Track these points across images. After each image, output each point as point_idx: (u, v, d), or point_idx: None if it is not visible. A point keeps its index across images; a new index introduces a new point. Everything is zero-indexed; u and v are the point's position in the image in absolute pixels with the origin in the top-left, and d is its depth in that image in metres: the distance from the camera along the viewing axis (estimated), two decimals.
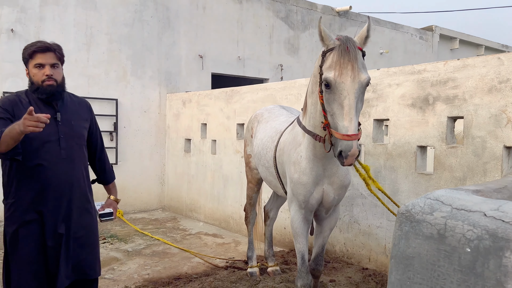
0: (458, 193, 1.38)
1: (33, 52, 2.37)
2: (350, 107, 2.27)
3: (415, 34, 12.14)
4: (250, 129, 4.14)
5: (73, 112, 2.56)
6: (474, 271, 1.20)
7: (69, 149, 2.48)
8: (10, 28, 6.30)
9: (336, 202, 3.02)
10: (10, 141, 2.12)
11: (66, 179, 2.46)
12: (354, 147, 2.25)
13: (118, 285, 4.09)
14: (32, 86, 2.41)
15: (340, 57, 2.31)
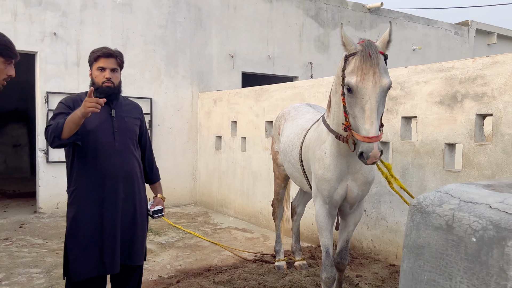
0: (467, 187, 1.45)
1: (98, 57, 2.66)
2: (371, 111, 2.35)
3: (450, 29, 11.85)
4: (277, 127, 4.25)
5: (126, 111, 2.83)
6: (479, 260, 1.28)
7: (123, 142, 2.72)
8: (53, 31, 6.69)
9: (360, 198, 3.08)
10: (72, 126, 2.38)
11: (120, 168, 2.68)
12: (375, 148, 2.32)
13: (152, 275, 4.32)
14: (93, 85, 2.67)
15: (362, 63, 2.38)
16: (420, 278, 1.46)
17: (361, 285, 3.85)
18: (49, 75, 6.67)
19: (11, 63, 2.10)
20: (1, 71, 2.06)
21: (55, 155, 6.69)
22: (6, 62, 2.08)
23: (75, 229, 2.63)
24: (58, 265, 4.55)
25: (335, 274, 3.11)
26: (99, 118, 2.67)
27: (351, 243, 4.95)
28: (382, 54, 2.48)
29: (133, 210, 2.77)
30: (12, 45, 2.10)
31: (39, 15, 6.58)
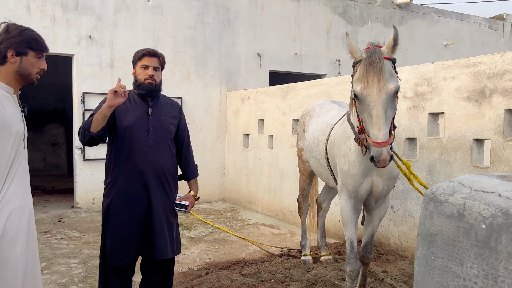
0: (479, 177, 1.50)
1: (143, 55, 2.82)
2: (378, 117, 2.43)
3: (484, 24, 11.52)
4: (302, 124, 4.33)
5: (164, 110, 2.94)
6: (489, 245, 1.33)
7: (157, 140, 2.84)
8: (88, 35, 7.01)
9: (385, 192, 3.11)
10: (100, 117, 2.57)
11: (153, 164, 2.81)
12: (384, 153, 2.41)
13: (182, 267, 4.49)
14: (136, 82, 2.85)
15: (365, 71, 2.45)
16: (433, 264, 1.51)
17: (387, 280, 3.87)
18: (85, 76, 6.99)
19: (42, 57, 2.24)
20: (33, 64, 2.19)
21: (91, 153, 7.01)
22: (37, 56, 2.20)
23: (107, 219, 2.82)
24: (95, 257, 4.80)
25: (359, 267, 3.15)
26: (136, 116, 2.82)
27: (378, 240, 4.96)
28: (388, 59, 2.52)
29: (162, 204, 2.86)
30: (41, 39, 2.24)
31: (75, 19, 6.92)
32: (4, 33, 2.14)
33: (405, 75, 4.61)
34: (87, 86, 7.03)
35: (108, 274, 2.84)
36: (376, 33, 10.00)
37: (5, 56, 2.12)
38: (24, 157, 2.22)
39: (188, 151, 3.14)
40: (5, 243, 2.05)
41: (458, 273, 1.42)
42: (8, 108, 2.11)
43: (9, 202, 2.09)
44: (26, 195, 2.21)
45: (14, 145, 2.13)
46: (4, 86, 2.15)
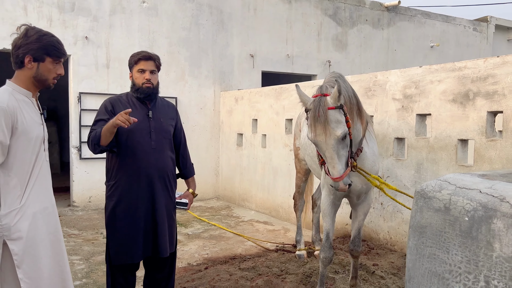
0: (463, 175, 1.71)
1: (139, 59, 2.87)
2: (331, 158, 2.74)
3: (468, 26, 11.87)
4: (298, 124, 4.54)
5: (162, 112, 3.02)
6: (471, 235, 1.55)
7: (159, 141, 2.92)
8: (85, 35, 7.11)
9: (364, 190, 3.37)
10: (107, 134, 2.65)
11: (155, 166, 2.89)
12: (341, 186, 2.74)
13: (182, 262, 4.66)
14: (134, 87, 2.90)
15: (312, 121, 2.73)
16: (423, 253, 1.73)
17: (377, 273, 4.10)
18: (81, 76, 7.09)
19: (60, 62, 2.22)
20: (50, 70, 2.19)
21: (87, 152, 7.12)
22: (55, 62, 2.19)
23: (112, 221, 2.88)
24: (95, 253, 4.94)
25: (332, 255, 3.39)
26: (137, 119, 2.89)
27: (368, 235, 5.20)
28: (333, 108, 2.75)
29: (166, 204, 2.96)
30: (60, 45, 2.21)
31: (72, 21, 7.01)
32: (23, 37, 2.15)
33: (394, 77, 4.84)
34: (84, 86, 7.13)
35: (114, 271, 2.97)
36: (365, 35, 10.25)
37: (22, 61, 2.14)
38: (45, 160, 2.26)
39: (185, 151, 3.24)
40: (30, 246, 2.11)
41: (445, 259, 1.64)
42: (27, 114, 2.14)
43: (30, 206, 2.14)
44: (47, 198, 2.26)
45: (35, 150, 2.17)
46: (23, 91, 2.18)
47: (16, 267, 2.08)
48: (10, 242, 2.07)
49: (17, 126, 2.08)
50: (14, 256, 2.07)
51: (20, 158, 2.11)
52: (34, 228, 2.14)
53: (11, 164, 2.09)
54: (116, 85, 7.31)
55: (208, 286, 3.82)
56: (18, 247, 2.08)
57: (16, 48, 2.15)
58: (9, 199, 2.08)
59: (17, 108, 2.09)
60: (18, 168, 2.11)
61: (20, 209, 2.11)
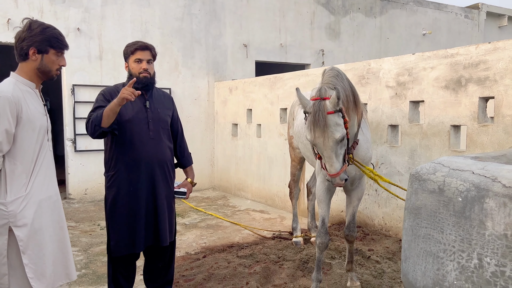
0: (456, 158, 1.76)
1: (135, 49, 2.87)
2: (329, 157, 2.82)
3: (460, 13, 11.92)
4: (292, 113, 4.58)
5: (159, 102, 3.04)
6: (464, 215, 1.60)
7: (156, 131, 2.95)
8: (77, 27, 7.05)
9: (358, 177, 3.43)
10: (110, 113, 2.63)
11: (154, 155, 2.92)
12: (337, 181, 2.84)
13: (180, 252, 4.71)
14: (131, 77, 2.88)
15: (311, 124, 2.80)
16: (418, 233, 1.78)
17: (373, 258, 4.18)
18: (74, 68, 7.05)
19: (62, 54, 2.31)
20: (54, 62, 2.26)
21: (82, 144, 7.11)
22: (58, 53, 2.27)
23: (113, 211, 2.90)
24: (93, 244, 4.98)
25: (328, 240, 3.43)
26: (135, 109, 2.89)
27: (363, 221, 5.28)
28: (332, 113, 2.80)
29: (165, 193, 2.99)
30: (62, 37, 2.30)
31: (63, 12, 6.95)
32: (26, 30, 2.20)
33: (387, 65, 4.88)
34: (77, 78, 7.09)
35: (114, 261, 3.00)
36: (358, 23, 10.26)
37: (26, 54, 2.20)
38: (48, 149, 2.33)
39: (182, 140, 3.27)
40: (35, 232, 2.19)
41: (439, 239, 1.69)
42: (31, 104, 2.20)
43: (35, 194, 2.21)
44: (51, 187, 2.33)
45: (39, 139, 2.23)
46: (27, 82, 2.24)
47: (22, 252, 2.15)
48: (15, 229, 2.14)
49: (22, 115, 2.14)
50: (19, 242, 2.14)
51: (25, 147, 2.18)
52: (39, 215, 2.21)
53: (17, 152, 2.16)
54: (110, 76, 7.27)
55: (207, 273, 3.88)
56: (24, 233, 2.15)
57: (20, 41, 2.21)
58: (15, 186, 2.16)
59: (21, 98, 2.15)
60: (23, 157, 2.18)
61: (26, 197, 2.18)
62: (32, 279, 2.17)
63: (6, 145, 2.12)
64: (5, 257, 2.14)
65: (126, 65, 2.95)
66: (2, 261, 2.14)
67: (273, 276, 3.84)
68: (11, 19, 6.50)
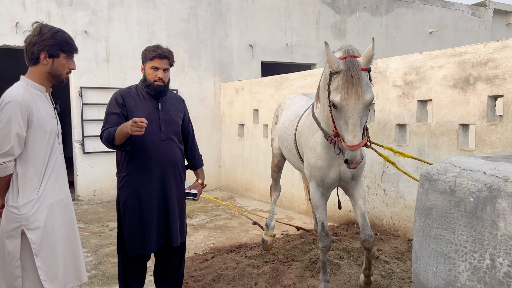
0: (467, 158, 1.75)
1: (154, 57, 2.86)
2: (354, 125, 2.57)
3: (467, 10, 11.83)
4: (275, 117, 4.47)
5: (171, 104, 3.06)
6: (476, 215, 1.59)
7: (168, 133, 2.97)
8: (84, 30, 7.10)
9: (355, 178, 3.28)
10: (121, 138, 2.72)
11: (166, 156, 2.95)
12: (358, 156, 2.57)
13: (188, 252, 4.72)
14: (145, 82, 2.92)
15: (344, 83, 2.54)
16: (429, 234, 1.77)
17: (382, 258, 4.17)
18: (82, 71, 7.10)
19: (72, 57, 2.33)
20: (64, 66, 2.29)
21: (90, 146, 7.16)
22: (68, 57, 2.30)
23: (125, 211, 2.93)
24: (102, 245, 5.01)
25: (330, 243, 3.32)
26: (147, 111, 2.91)
27: (372, 221, 5.26)
28: (364, 70, 2.63)
29: (176, 194, 3.02)
30: (72, 41, 2.32)
31: (70, 15, 7.00)
32: (37, 34, 2.22)
33: (394, 64, 4.86)
34: (84, 80, 7.14)
35: (125, 262, 3.03)
36: (364, 22, 10.23)
37: (37, 58, 2.23)
38: (59, 152, 2.36)
39: (194, 142, 3.29)
40: (47, 235, 2.22)
41: (451, 239, 1.68)
42: (41, 107, 2.23)
43: (47, 197, 2.24)
44: (63, 189, 2.36)
45: (50, 142, 2.26)
46: (37, 86, 2.27)
47: (34, 255, 2.18)
48: (28, 232, 2.16)
49: (32, 119, 2.16)
50: (32, 245, 2.17)
51: (36, 150, 2.20)
52: (51, 218, 2.24)
53: (28, 156, 2.19)
54: (117, 78, 7.32)
55: (216, 274, 3.89)
56: (36, 236, 2.18)
57: (31, 45, 2.22)
58: (27, 190, 2.18)
59: (32, 102, 2.18)
60: (34, 160, 2.21)
61: (38, 200, 2.21)
62: (45, 282, 2.20)
63: (18, 149, 2.15)
64: (18, 259, 2.16)
65: (142, 67, 2.97)
66: (15, 263, 2.16)
67: (282, 276, 3.84)
68: (19, 23, 6.56)
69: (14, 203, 2.18)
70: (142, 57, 2.96)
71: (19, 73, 2.30)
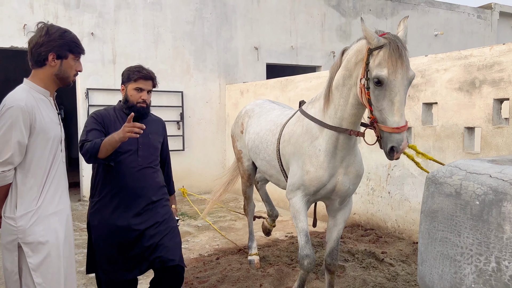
0: (473, 161, 1.76)
1: (138, 78, 2.70)
2: (400, 103, 2.35)
3: (473, 13, 11.81)
4: (240, 125, 4.19)
5: (151, 127, 2.82)
6: (482, 218, 1.60)
7: (145, 158, 2.76)
8: (91, 32, 7.16)
9: (351, 192, 3.04)
10: (109, 148, 2.44)
11: (142, 182, 2.71)
12: (405, 139, 2.35)
13: (193, 254, 4.74)
14: (127, 103, 2.74)
15: (391, 56, 2.35)
16: (435, 237, 1.78)
17: (386, 260, 4.16)
18: (88, 72, 7.15)
19: (79, 59, 2.21)
20: (72, 67, 2.17)
21: None
22: (76, 58, 2.18)
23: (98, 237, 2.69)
24: None
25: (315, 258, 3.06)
26: None
27: (376, 223, 5.26)
28: None
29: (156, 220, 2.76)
30: (79, 41, 2.20)
31: (77, 17, 7.06)
32: (44, 34, 2.10)
33: None
34: (91, 82, 7.19)
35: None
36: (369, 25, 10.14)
37: (45, 59, 2.10)
38: (61, 161, 2.22)
39: (169, 168, 3.13)
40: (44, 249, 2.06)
41: (456, 242, 1.69)
42: (45, 113, 2.09)
43: (46, 209, 2.10)
44: (63, 200, 2.22)
45: (52, 150, 2.13)
46: (41, 90, 2.13)
47: (32, 270, 2.04)
48: (24, 245, 2.03)
49: (35, 125, 2.04)
50: (28, 258, 2.03)
51: (38, 159, 2.08)
52: (49, 231, 2.10)
53: (29, 164, 2.06)
54: None
55: (221, 275, 3.90)
56: (33, 250, 2.04)
57: (38, 46, 2.10)
58: (25, 200, 2.05)
59: (35, 107, 2.05)
60: (35, 169, 2.08)
61: (36, 211, 2.07)
62: None
63: (18, 157, 2.02)
64: (16, 274, 2.04)
65: (122, 88, 2.77)
66: (13, 278, 2.05)
67: (286, 278, 3.85)
68: (27, 25, 6.63)
69: (11, 214, 2.03)
70: (124, 78, 2.76)
71: (27, 75, 2.22)
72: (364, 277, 3.76)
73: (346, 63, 2.72)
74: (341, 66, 2.76)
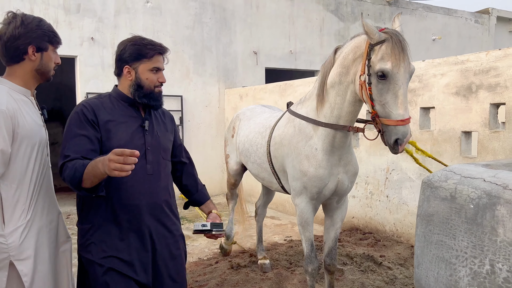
0: (468, 165, 1.80)
1: (154, 54, 2.03)
2: (404, 96, 2.38)
3: (470, 18, 11.89)
4: (231, 129, 4.19)
5: (159, 122, 2.17)
6: (476, 222, 1.63)
7: (156, 164, 2.07)
8: (91, 36, 7.20)
9: (349, 190, 3.07)
10: (94, 179, 1.75)
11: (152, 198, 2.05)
12: (409, 132, 2.39)
13: (192, 257, 4.76)
14: (140, 90, 2.02)
15: (394, 49, 2.37)
16: (431, 240, 1.82)
17: (385, 264, 4.19)
18: (88, 77, 7.19)
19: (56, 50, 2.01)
20: (51, 59, 1.96)
21: None
22: (54, 49, 1.99)
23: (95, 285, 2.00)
24: None
25: (319, 265, 3.12)
26: (130, 132, 2.02)
27: (375, 227, 5.29)
28: None
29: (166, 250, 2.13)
30: (56, 32, 2.01)
31: (77, 22, 7.11)
32: (20, 25, 1.84)
33: None
34: (91, 86, 7.23)
35: None
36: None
37: (24, 53, 1.86)
38: (48, 166, 2.01)
39: (193, 168, 2.44)
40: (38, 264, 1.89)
41: (451, 245, 1.72)
42: (27, 115, 1.86)
43: (36, 221, 1.90)
44: (52, 209, 2.03)
45: (38, 156, 1.91)
46: (20, 89, 1.89)
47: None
48: (18, 263, 1.81)
49: (19, 130, 1.80)
50: (23, 277, 1.82)
51: (24, 167, 1.84)
52: (41, 244, 1.91)
53: (14, 174, 1.82)
54: None
55: (220, 279, 3.92)
56: (27, 267, 1.84)
57: (14, 39, 1.84)
58: (14, 215, 1.83)
59: (17, 110, 1.81)
60: (21, 179, 1.84)
61: (26, 225, 1.85)
62: None
63: (1, 167, 1.76)
64: None
65: (127, 69, 2.03)
66: None
67: (285, 282, 3.87)
68: None
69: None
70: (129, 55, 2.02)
71: None
72: (363, 281, 3.79)
73: (342, 60, 2.70)
74: (336, 64, 2.75)
